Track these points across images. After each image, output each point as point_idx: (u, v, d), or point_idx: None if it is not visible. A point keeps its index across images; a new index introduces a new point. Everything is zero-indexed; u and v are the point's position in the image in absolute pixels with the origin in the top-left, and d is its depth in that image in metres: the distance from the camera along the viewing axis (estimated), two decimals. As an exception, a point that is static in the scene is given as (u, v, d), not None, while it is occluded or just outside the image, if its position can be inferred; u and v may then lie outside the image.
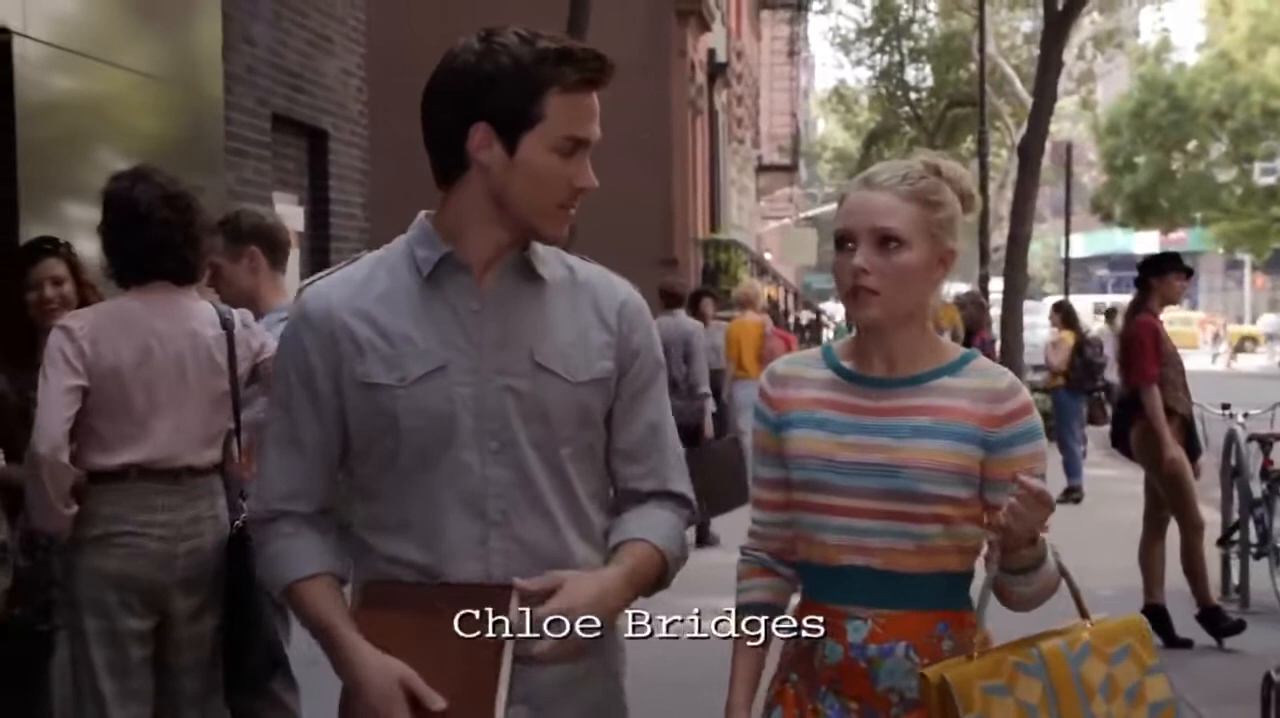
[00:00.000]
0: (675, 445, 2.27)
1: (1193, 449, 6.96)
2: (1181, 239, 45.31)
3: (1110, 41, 33.68)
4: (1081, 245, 52.44)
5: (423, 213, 2.16)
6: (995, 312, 19.58)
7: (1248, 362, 30.35)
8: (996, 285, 20.14)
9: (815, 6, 37.30)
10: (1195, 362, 28.70)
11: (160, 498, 3.64)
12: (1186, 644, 6.72)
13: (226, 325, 3.79)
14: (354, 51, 9.29)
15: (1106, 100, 42.24)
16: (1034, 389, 17.26)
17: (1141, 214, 37.74)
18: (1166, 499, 6.92)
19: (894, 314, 2.23)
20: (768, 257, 29.56)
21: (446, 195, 2.12)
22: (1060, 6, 17.93)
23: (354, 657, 2.02)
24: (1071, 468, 12.10)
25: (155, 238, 3.72)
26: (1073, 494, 11.81)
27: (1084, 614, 2.21)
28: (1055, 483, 11.38)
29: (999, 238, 23.73)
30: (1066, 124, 42.78)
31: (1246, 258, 47.13)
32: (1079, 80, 34.13)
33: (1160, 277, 6.96)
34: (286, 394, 2.14)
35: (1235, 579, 7.70)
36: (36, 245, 4.51)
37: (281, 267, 4.35)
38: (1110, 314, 18.72)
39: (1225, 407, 8.08)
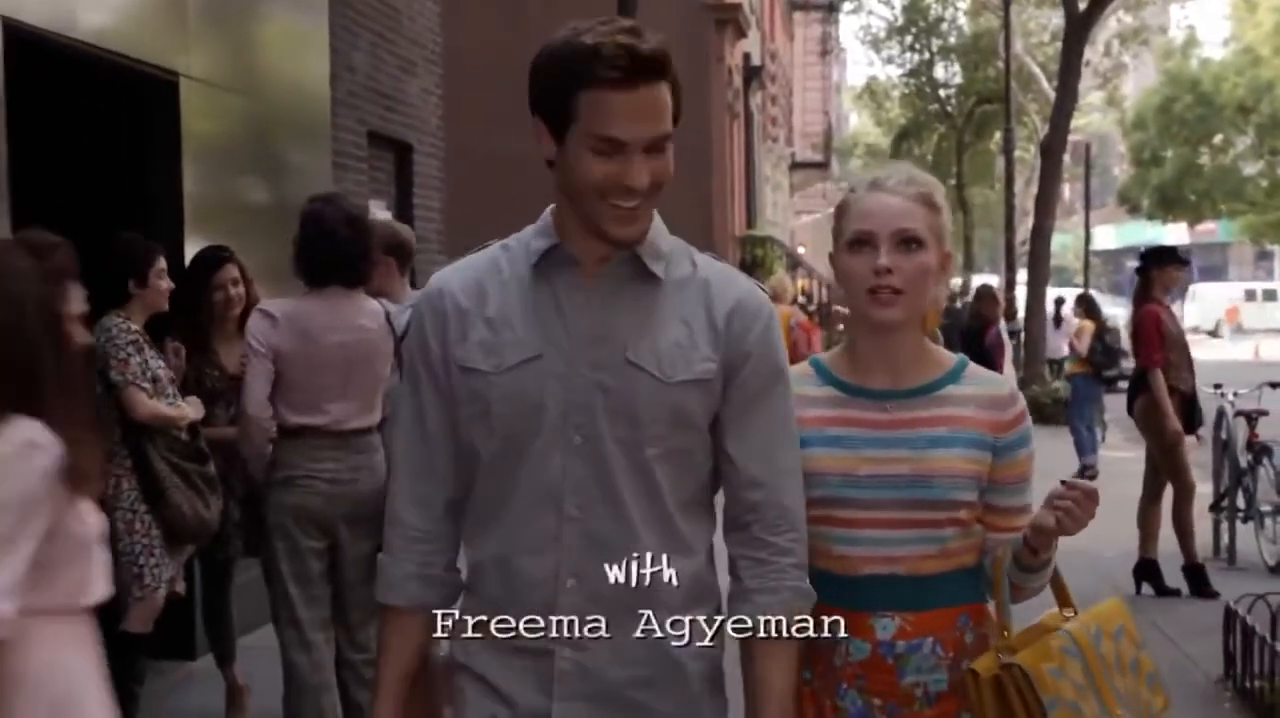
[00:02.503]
0: (792, 459, 2.15)
1: (1192, 422, 7.76)
2: (1211, 231, 45.49)
3: (1136, 39, 33.85)
4: (1112, 237, 52.55)
5: (552, 204, 2.14)
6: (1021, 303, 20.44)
7: (1275, 350, 30.82)
8: (1023, 277, 20.93)
9: (846, 7, 37.72)
10: (1222, 351, 29.18)
11: (328, 452, 4.57)
12: (1175, 593, 7.61)
13: (389, 319, 4.69)
14: (433, 72, 10.09)
15: (1133, 95, 42.56)
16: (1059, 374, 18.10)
17: (1168, 206, 38.05)
18: (1163, 466, 7.75)
19: (911, 315, 2.26)
20: (801, 251, 30.25)
21: None
22: (1082, 8, 18.20)
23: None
24: (1083, 447, 12.83)
25: (335, 251, 4.51)
26: (1087, 472, 12.40)
27: (1066, 604, 2.30)
28: (1068, 465, 12.02)
29: (1025, 232, 24.47)
30: (1096, 116, 43.16)
31: (1276, 248, 47.49)
32: (1105, 76, 34.50)
33: (1160, 268, 7.82)
34: (414, 378, 2.14)
35: (1225, 540, 8.53)
36: (215, 255, 5.43)
37: (406, 271, 5.21)
38: (1059, 303, 19.61)
39: (1217, 386, 8.85)
